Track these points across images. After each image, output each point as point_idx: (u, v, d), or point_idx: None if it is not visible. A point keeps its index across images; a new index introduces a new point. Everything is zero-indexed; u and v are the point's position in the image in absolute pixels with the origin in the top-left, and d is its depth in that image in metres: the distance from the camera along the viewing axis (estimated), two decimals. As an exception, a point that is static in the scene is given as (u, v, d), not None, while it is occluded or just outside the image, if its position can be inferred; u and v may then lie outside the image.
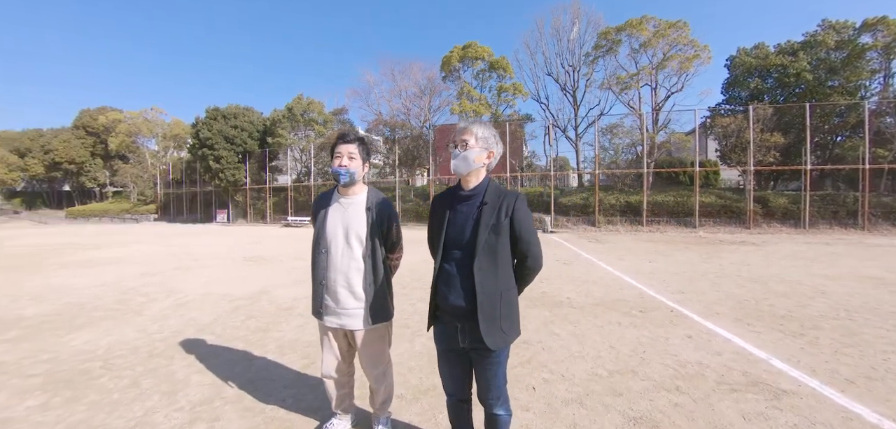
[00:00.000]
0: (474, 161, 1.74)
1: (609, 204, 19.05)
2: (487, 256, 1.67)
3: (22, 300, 6.04)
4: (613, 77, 22.49)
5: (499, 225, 1.68)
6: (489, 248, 1.67)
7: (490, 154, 1.78)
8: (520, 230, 1.70)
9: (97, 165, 46.29)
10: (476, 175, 1.78)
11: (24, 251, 13.10)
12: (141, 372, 3.39)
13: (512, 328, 1.75)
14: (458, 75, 25.33)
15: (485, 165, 1.79)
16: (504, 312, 1.70)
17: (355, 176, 2.07)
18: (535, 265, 1.78)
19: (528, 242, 1.72)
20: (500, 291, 1.69)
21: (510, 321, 1.74)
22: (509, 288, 1.74)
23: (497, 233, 1.68)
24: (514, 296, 1.78)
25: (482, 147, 1.76)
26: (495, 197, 1.72)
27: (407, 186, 31.43)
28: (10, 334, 4.43)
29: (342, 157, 2.04)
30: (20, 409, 2.80)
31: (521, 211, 1.71)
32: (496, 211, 1.69)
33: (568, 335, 4.01)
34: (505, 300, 1.71)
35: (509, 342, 1.75)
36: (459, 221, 1.74)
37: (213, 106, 36.19)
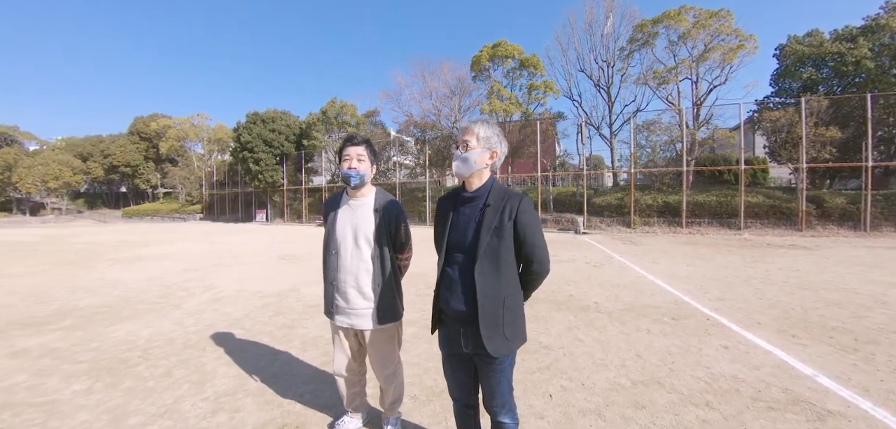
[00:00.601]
0: (476, 162, 1.69)
1: (646, 204, 18.23)
2: (489, 261, 1.62)
3: (78, 292, 6.57)
4: (650, 71, 21.44)
5: (502, 228, 1.62)
6: (491, 251, 1.62)
7: (493, 154, 1.72)
8: (524, 233, 1.63)
9: (150, 168, 49.76)
10: (479, 176, 1.72)
11: (85, 248, 14.29)
12: (174, 362, 3.58)
13: (516, 335, 1.68)
14: (488, 74, 25.10)
15: (488, 166, 1.73)
16: (507, 318, 1.64)
17: (365, 177, 2.09)
18: (541, 270, 1.70)
19: (533, 246, 1.65)
20: (502, 296, 1.63)
21: (514, 328, 1.67)
22: (513, 293, 1.68)
23: (499, 236, 1.62)
24: (519, 302, 1.71)
25: (484, 147, 1.70)
26: (499, 199, 1.66)
27: (437, 187, 31.61)
28: (66, 323, 4.82)
29: (351, 159, 2.06)
30: (67, 392, 3.04)
31: (526, 213, 1.64)
32: (499, 213, 1.63)
33: (592, 342, 3.85)
34: (508, 306, 1.65)
35: (513, 349, 1.69)
36: (462, 223, 1.70)
37: (253, 111, 38.03)
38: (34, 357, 3.75)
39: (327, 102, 38.55)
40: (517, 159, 23.98)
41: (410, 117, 32.06)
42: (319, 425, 2.50)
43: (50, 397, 2.97)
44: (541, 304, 5.31)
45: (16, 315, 5.19)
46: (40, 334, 4.43)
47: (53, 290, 6.79)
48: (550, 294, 5.84)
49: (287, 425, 2.51)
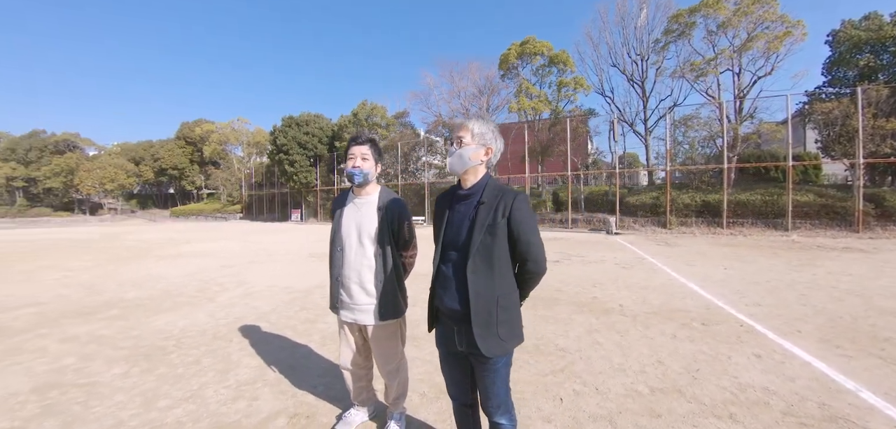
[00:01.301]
0: (470, 159, 1.67)
1: (683, 204, 17.35)
2: (482, 259, 1.60)
3: (126, 285, 7.09)
4: (687, 64, 20.32)
5: (495, 226, 1.59)
6: (484, 250, 1.60)
7: (488, 150, 1.70)
8: (518, 231, 1.60)
9: (194, 170, 52.94)
10: (474, 173, 1.70)
11: (135, 245, 15.40)
12: (204, 352, 3.79)
13: (511, 335, 1.65)
14: (517, 73, 24.80)
15: (483, 163, 1.71)
16: (502, 317, 1.62)
17: (369, 176, 2.12)
18: (536, 269, 1.66)
19: (527, 244, 1.61)
20: (496, 295, 1.60)
21: (509, 328, 1.64)
22: (508, 293, 1.64)
23: (493, 234, 1.59)
24: (514, 301, 1.68)
25: (479, 143, 1.68)
26: (493, 196, 1.63)
27: (465, 187, 31.62)
28: (112, 313, 5.22)
29: (355, 158, 2.10)
30: (107, 375, 3.28)
31: (520, 211, 1.60)
32: (493, 211, 1.60)
33: (612, 346, 3.72)
34: (502, 305, 1.62)
35: (508, 350, 1.66)
36: (456, 221, 1.69)
37: (288, 114, 39.60)
38: (82, 343, 4.08)
39: (358, 105, 39.53)
40: (547, 158, 23.56)
41: (439, 117, 32.25)
42: (328, 416, 2.56)
43: (92, 379, 3.23)
44: (562, 305, 5.19)
45: (70, 305, 5.67)
46: (89, 322, 4.82)
47: (104, 283, 7.37)
48: (574, 296, 5.69)
49: (298, 414, 2.59)
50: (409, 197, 33.26)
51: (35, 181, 48.28)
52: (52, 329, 4.56)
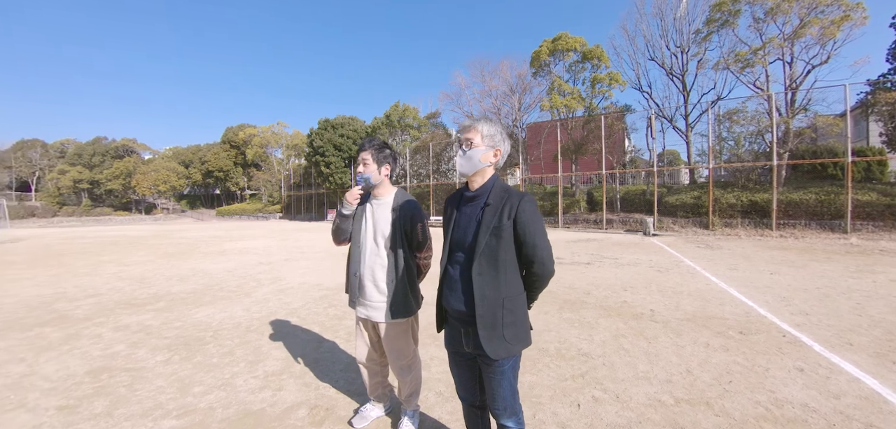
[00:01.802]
0: (480, 160, 1.68)
1: (727, 203, 16.30)
2: (488, 261, 1.60)
3: (173, 280, 7.62)
4: (731, 54, 18.97)
5: (500, 227, 1.59)
6: (489, 252, 1.60)
7: (496, 152, 1.70)
8: (524, 233, 1.59)
9: (238, 172, 55.93)
10: (481, 175, 1.70)
11: (184, 242, 16.49)
12: (237, 343, 4.02)
13: (517, 338, 1.64)
14: (549, 70, 24.25)
15: (492, 165, 1.71)
16: (507, 320, 1.61)
17: (370, 180, 2.19)
18: (542, 272, 1.64)
19: (533, 247, 1.60)
20: (502, 297, 1.60)
21: (515, 330, 1.63)
22: (514, 295, 1.64)
23: (498, 236, 1.59)
24: (521, 304, 1.67)
25: (488, 145, 1.68)
26: (499, 198, 1.63)
27: (496, 187, 31.41)
28: (159, 305, 5.63)
29: (359, 164, 2.18)
30: (151, 362, 3.56)
31: (526, 213, 1.59)
32: (498, 213, 1.60)
33: (639, 352, 3.58)
34: (508, 308, 1.61)
35: (514, 353, 1.65)
36: (463, 222, 1.70)
37: (324, 117, 40.99)
38: (132, 331, 4.44)
39: (391, 106, 40.32)
40: (581, 157, 22.88)
41: (469, 117, 32.26)
42: (346, 409, 2.64)
43: (138, 364, 3.50)
44: (588, 308, 5.05)
45: (123, 297, 6.18)
46: (139, 313, 5.22)
47: (154, 277, 7.96)
48: (602, 299, 5.52)
49: (318, 406, 2.69)
50: (441, 197, 33.47)
51: (98, 183, 52.80)
52: (107, 318, 4.99)
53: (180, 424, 2.53)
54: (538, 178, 30.77)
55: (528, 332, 1.70)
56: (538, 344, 3.80)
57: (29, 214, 45.69)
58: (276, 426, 2.48)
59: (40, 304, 5.80)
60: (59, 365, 3.52)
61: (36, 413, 2.71)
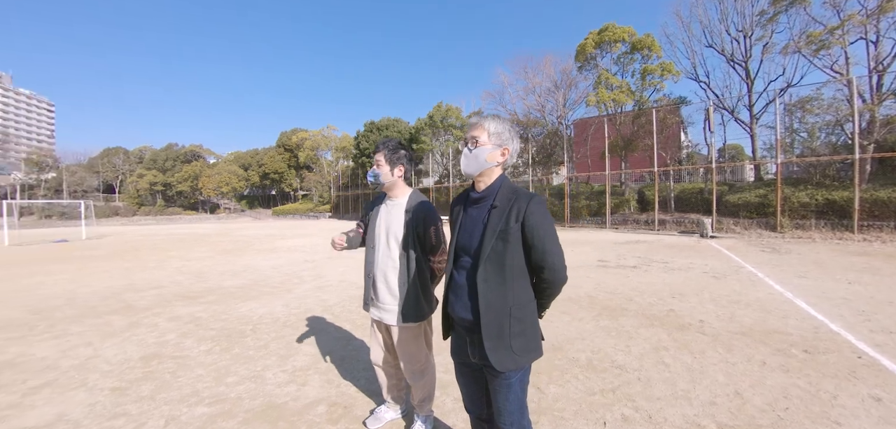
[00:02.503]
0: (486, 160, 1.59)
1: (799, 202, 14.60)
2: (494, 266, 1.51)
3: (226, 275, 8.18)
4: (803, 36, 16.85)
5: (508, 231, 1.49)
6: (496, 256, 1.50)
7: (504, 151, 1.59)
8: (533, 237, 1.48)
9: (291, 174, 59.32)
10: (488, 175, 1.61)
11: (241, 239, 17.72)
12: (273, 337, 4.20)
13: (526, 349, 1.53)
14: (595, 63, 23.18)
15: (499, 165, 1.61)
16: (515, 329, 1.51)
17: (379, 177, 2.18)
18: (553, 278, 1.52)
19: (543, 251, 1.48)
20: (509, 305, 1.50)
21: (524, 341, 1.52)
22: (523, 304, 1.53)
23: (505, 240, 1.49)
24: (530, 313, 1.55)
25: (495, 144, 1.59)
26: (506, 200, 1.53)
27: (541, 185, 30.66)
28: (211, 298, 6.06)
29: (374, 164, 2.17)
30: (195, 351, 3.82)
31: (536, 215, 1.48)
32: (505, 215, 1.50)
33: (681, 368, 3.27)
34: (516, 317, 1.51)
35: (522, 365, 1.54)
36: (469, 225, 1.61)
37: (369, 120, 42.37)
38: (183, 322, 4.80)
39: (433, 107, 40.71)
40: (630, 153, 21.64)
41: (513, 115, 31.69)
42: (363, 409, 2.65)
43: (184, 353, 3.77)
44: (629, 316, 4.72)
45: (181, 290, 6.72)
46: (191, 305, 5.65)
47: (210, 272, 8.60)
48: (646, 307, 5.14)
49: (337, 404, 2.73)
50: (484, 197, 33.19)
51: (170, 185, 58.44)
52: (164, 309, 5.45)
53: (210, 411, 2.68)
54: (585, 176, 29.59)
55: (539, 343, 1.59)
56: (568, 353, 3.61)
57: (113, 213, 51.58)
58: (296, 420, 2.54)
59: (112, 294, 6.48)
60: (119, 350, 3.88)
61: (92, 393, 2.99)
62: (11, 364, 3.60)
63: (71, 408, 2.77)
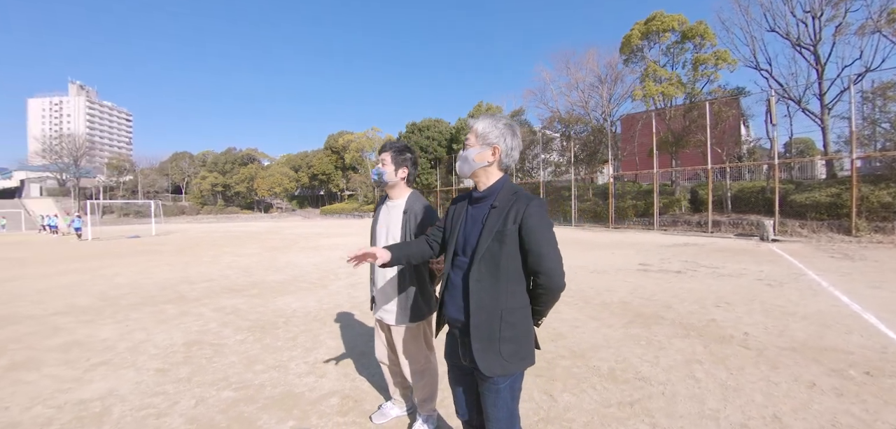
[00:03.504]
0: (474, 160, 1.59)
1: (879, 202, 12.92)
2: (487, 267, 1.49)
3: (270, 270, 8.71)
4: (884, 14, 14.75)
5: (504, 232, 1.46)
6: (491, 257, 1.48)
7: (494, 150, 1.57)
8: (529, 240, 1.45)
9: (338, 175, 61.82)
10: (485, 175, 1.60)
11: (289, 237, 18.74)
12: (302, 330, 4.42)
13: (516, 356, 1.49)
14: (642, 55, 21.95)
15: (491, 164, 1.59)
16: (506, 334, 1.47)
17: (383, 176, 2.22)
18: (549, 284, 1.47)
19: (539, 255, 1.44)
20: (500, 309, 1.48)
21: (514, 347, 1.49)
22: (516, 308, 1.50)
23: (501, 241, 1.47)
24: (523, 318, 1.52)
25: (482, 144, 1.58)
26: (506, 201, 1.51)
27: (584, 185, 29.61)
28: (252, 292, 6.47)
29: (379, 162, 2.22)
30: (231, 340, 4.10)
31: (533, 217, 1.44)
32: (503, 216, 1.48)
33: (713, 384, 3.02)
34: (507, 321, 1.48)
35: (510, 371, 1.50)
36: (469, 225, 1.61)
37: (411, 121, 43.14)
38: (225, 313, 5.18)
39: (474, 107, 40.72)
40: (682, 150, 20.27)
41: (554, 113, 30.86)
42: (373, 404, 2.72)
43: (221, 341, 4.07)
44: (664, 325, 4.44)
45: (228, 283, 7.25)
46: (234, 297, 6.08)
47: (257, 267, 9.19)
48: (684, 315, 4.81)
49: (349, 397, 2.82)
50: (524, 196, 32.61)
51: (229, 186, 63.09)
52: (212, 300, 5.90)
53: (235, 395, 2.87)
54: (632, 174, 28.18)
55: (531, 351, 1.55)
56: (590, 361, 3.46)
57: (180, 212, 56.59)
58: (308, 410, 2.66)
59: (169, 285, 7.12)
60: (167, 336, 4.26)
61: (140, 372, 3.32)
62: (79, 344, 4.07)
63: (120, 384, 3.09)
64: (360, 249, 1.76)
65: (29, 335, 4.39)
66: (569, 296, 5.82)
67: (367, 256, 1.73)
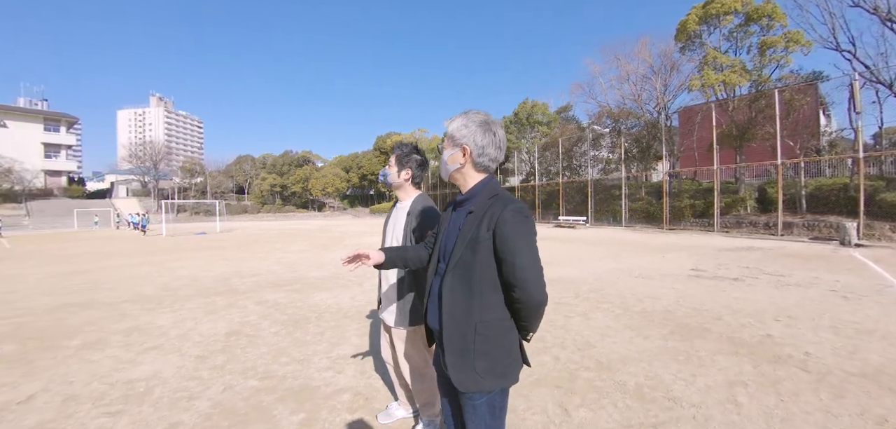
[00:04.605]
0: (447, 162, 1.54)
1: None
2: (460, 277, 1.41)
3: (313, 267, 9.15)
4: None
5: (477, 240, 1.37)
6: (464, 266, 1.40)
7: (464, 150, 1.49)
8: (502, 248, 1.34)
9: (386, 175, 63.71)
10: (463, 177, 1.53)
11: (337, 235, 19.60)
12: (331, 325, 4.59)
13: (491, 372, 1.38)
14: (700, 41, 20.21)
15: (464, 165, 1.51)
16: (480, 348, 1.38)
17: (388, 177, 2.25)
18: (525, 298, 1.35)
19: (512, 266, 1.33)
20: (474, 321, 1.38)
21: (489, 363, 1.38)
22: (492, 321, 1.39)
23: (473, 249, 1.38)
24: (500, 332, 1.40)
25: (453, 145, 1.51)
26: (483, 205, 1.42)
27: (635, 183, 27.98)
28: (294, 287, 6.84)
29: (386, 164, 2.23)
30: (267, 332, 4.36)
31: (509, 224, 1.34)
32: (478, 222, 1.39)
33: (756, 411, 2.68)
34: (481, 334, 1.38)
35: (484, 388, 1.39)
36: (450, 230, 1.54)
37: (454, 121, 43.22)
38: (267, 306, 5.51)
39: (519, 104, 39.99)
40: (747, 144, 18.40)
41: (603, 107, 29.45)
42: (382, 402, 2.76)
43: (258, 332, 4.34)
44: (709, 339, 4.05)
45: (274, 278, 7.72)
46: (277, 292, 6.45)
47: (301, 263, 9.70)
48: (734, 329, 4.35)
49: (360, 395, 2.88)
50: (573, 195, 31.56)
51: (286, 187, 67.14)
52: (256, 294, 6.32)
53: (259, 384, 3.05)
54: (690, 171, 26.16)
55: (512, 368, 1.42)
56: (617, 375, 3.23)
57: (242, 211, 61.18)
58: (321, 404, 2.75)
59: (223, 279, 7.73)
60: (212, 326, 4.62)
61: (183, 357, 3.63)
62: (139, 329, 4.54)
63: (165, 368, 3.40)
64: (355, 251, 1.77)
65: (101, 319, 4.98)
66: (606, 302, 5.52)
67: (361, 257, 1.74)
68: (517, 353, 1.44)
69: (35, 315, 5.27)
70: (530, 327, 1.43)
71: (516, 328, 1.44)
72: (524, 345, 1.50)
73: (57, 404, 2.80)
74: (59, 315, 5.22)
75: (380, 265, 1.80)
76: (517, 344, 1.44)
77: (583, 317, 4.84)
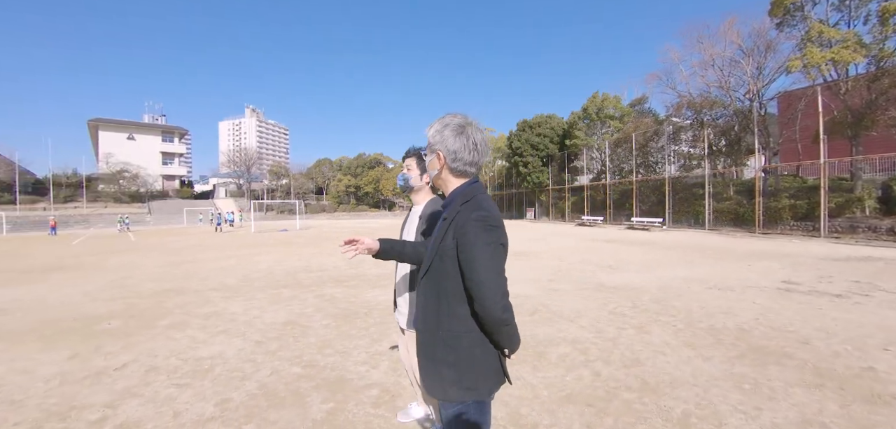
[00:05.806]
0: (429, 169, 1.55)
1: None
2: (430, 284, 1.40)
3: (373, 265, 9.62)
4: None
5: (444, 248, 1.35)
6: (434, 274, 1.38)
7: (438, 156, 1.47)
8: (463, 259, 1.29)
9: (450, 174, 64.99)
10: (443, 183, 1.52)
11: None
12: (376, 322, 4.81)
13: (458, 384, 1.33)
14: (802, 14, 17.27)
15: (441, 170, 1.49)
16: (447, 357, 1.34)
17: (409, 180, 2.28)
18: (482, 313, 1.28)
19: (470, 279, 1.28)
20: (441, 331, 1.35)
21: (456, 372, 1.33)
22: (459, 333, 1.33)
23: (441, 257, 1.36)
24: (469, 344, 1.34)
25: (430, 151, 1.51)
26: (453, 211, 1.39)
27: (722, 181, 25.02)
28: (352, 283, 7.26)
29: (404, 168, 2.30)
30: (318, 324, 4.72)
31: (470, 233, 1.28)
32: (446, 229, 1.37)
33: (834, 442, 2.27)
34: (448, 345, 1.34)
35: (452, 398, 1.34)
36: (435, 236, 1.53)
37: (522, 119, 42.44)
38: (324, 300, 5.95)
39: (588, 99, 38.01)
40: (865, 133, 15.38)
41: (683, 97, 26.71)
42: (406, 400, 2.83)
43: (310, 323, 4.71)
44: (787, 367, 3.47)
45: (336, 274, 8.28)
46: (336, 287, 6.92)
47: (363, 260, 10.25)
48: (824, 356, 3.69)
49: (388, 391, 2.99)
50: (647, 194, 29.21)
51: (359, 188, 71.46)
52: (318, 288, 6.84)
53: (300, 372, 3.32)
54: (792, 166, 22.71)
55: (482, 382, 1.34)
56: (662, 399, 2.88)
57: (321, 210, 66.47)
58: (349, 396, 2.91)
59: (292, 272, 8.49)
60: (273, 315, 5.12)
61: (245, 341, 4.08)
62: (217, 314, 5.19)
63: (228, 350, 3.86)
64: (355, 236, 1.85)
65: (188, 304, 5.77)
66: (667, 314, 5.04)
67: (358, 242, 1.77)
68: (490, 366, 1.36)
69: (141, 297, 6.29)
70: (501, 344, 1.36)
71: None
72: (504, 360, 1.42)
73: (141, 374, 3.33)
74: (159, 299, 6.17)
75: (376, 254, 1.83)
76: (492, 357, 1.37)
77: (637, 330, 4.47)
